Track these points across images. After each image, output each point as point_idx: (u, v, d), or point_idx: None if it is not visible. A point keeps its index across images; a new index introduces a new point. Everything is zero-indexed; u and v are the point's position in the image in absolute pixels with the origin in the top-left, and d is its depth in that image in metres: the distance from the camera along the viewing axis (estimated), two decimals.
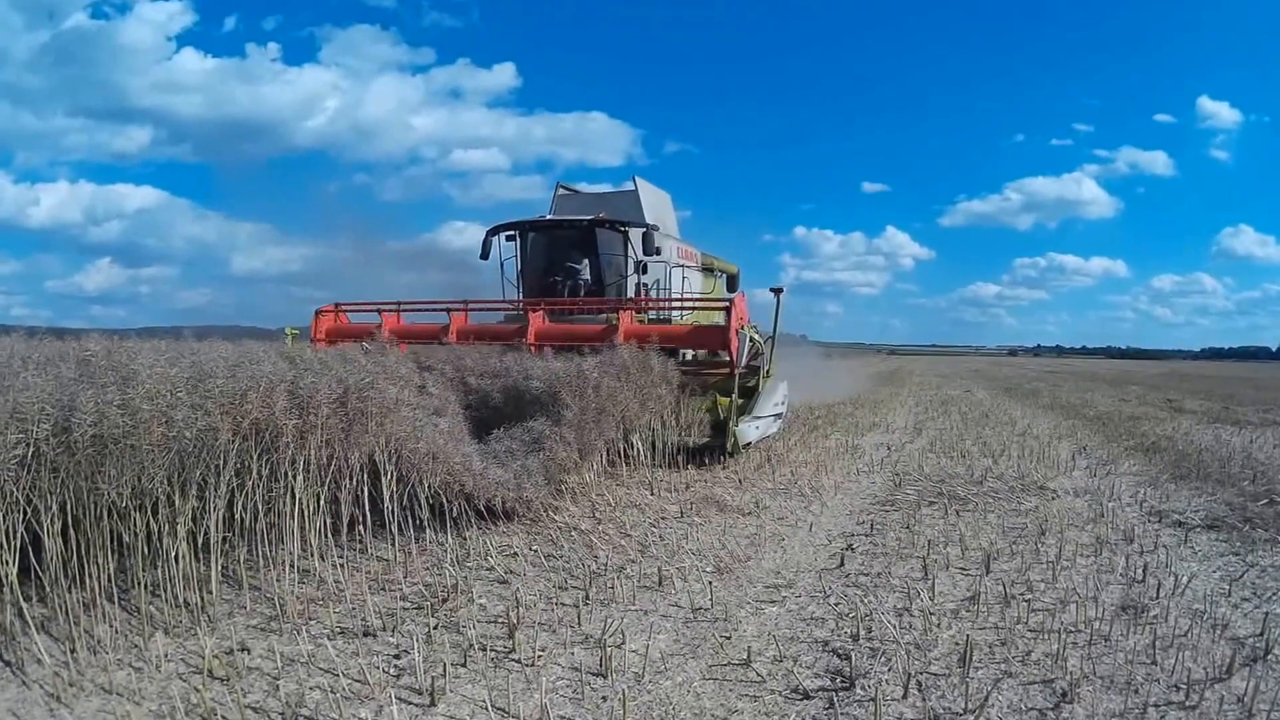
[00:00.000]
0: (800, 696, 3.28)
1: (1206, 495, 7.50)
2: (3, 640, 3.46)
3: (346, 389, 5.02)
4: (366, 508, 5.03)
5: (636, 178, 12.34)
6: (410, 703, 3.16)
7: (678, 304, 11.26)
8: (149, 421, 3.91)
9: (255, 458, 4.44)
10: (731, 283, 15.76)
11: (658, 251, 10.80)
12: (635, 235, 10.81)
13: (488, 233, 11.52)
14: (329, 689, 3.21)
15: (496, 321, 10.99)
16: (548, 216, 12.07)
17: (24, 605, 3.45)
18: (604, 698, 3.24)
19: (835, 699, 3.24)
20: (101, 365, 4.19)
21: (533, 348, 8.67)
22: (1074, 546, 5.52)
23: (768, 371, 9.33)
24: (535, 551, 5.17)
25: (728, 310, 8.55)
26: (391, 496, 5.10)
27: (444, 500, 5.32)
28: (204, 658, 3.40)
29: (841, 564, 5.13)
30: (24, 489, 3.46)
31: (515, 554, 5.09)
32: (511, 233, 11.60)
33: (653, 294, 11.40)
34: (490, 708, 3.12)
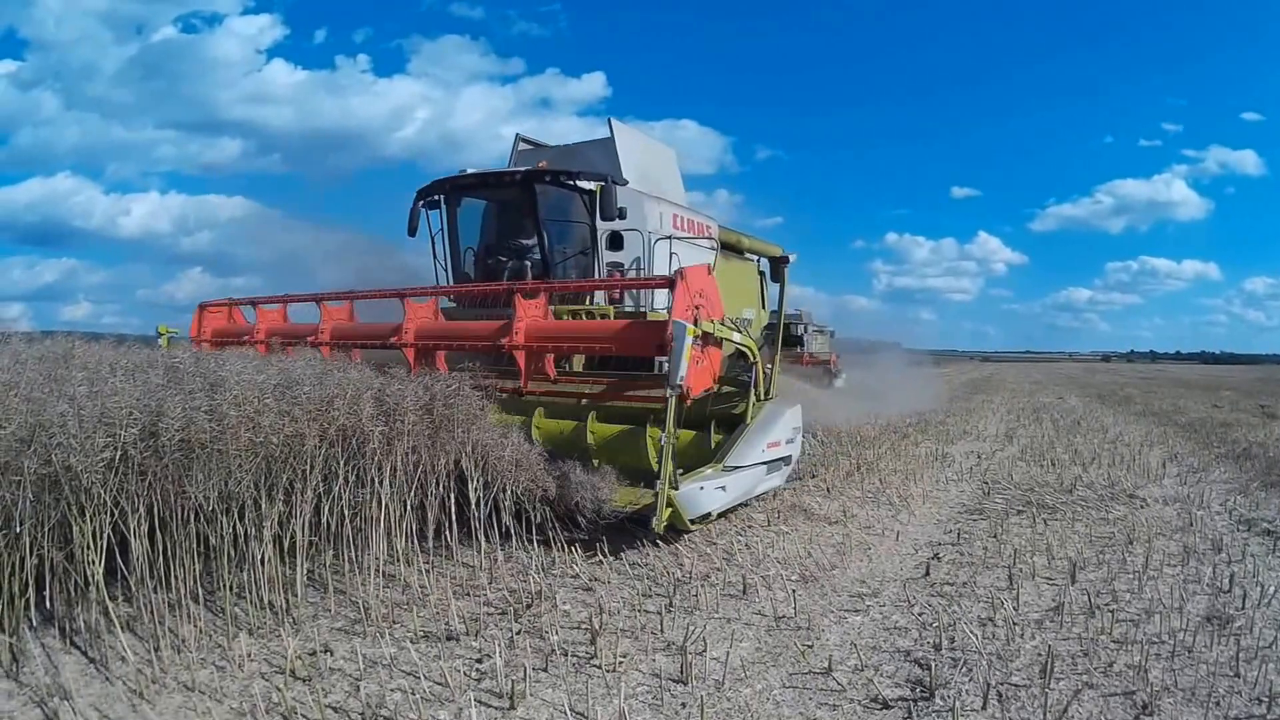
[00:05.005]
0: (879, 706, 3.25)
1: None
2: (88, 638, 3.52)
3: (432, 395, 5.02)
4: (453, 514, 5.00)
5: (614, 121, 9.33)
6: (490, 706, 3.14)
7: (580, 286, 7.67)
8: (236, 427, 3.95)
9: (342, 463, 4.44)
10: (775, 270, 11.20)
11: (621, 215, 7.82)
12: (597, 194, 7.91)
13: (416, 199, 8.80)
14: (409, 691, 3.21)
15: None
16: (469, 171, 9.00)
17: (110, 605, 3.49)
18: (683, 704, 3.21)
19: (913, 709, 3.21)
20: (189, 372, 4.25)
21: (409, 354, 6.50)
22: (1161, 556, 5.42)
23: (766, 392, 6.45)
24: (620, 559, 5.08)
25: (671, 290, 5.35)
26: (478, 502, 5.07)
27: (528, 507, 5.26)
28: (287, 658, 3.42)
29: (927, 573, 5.04)
30: (112, 491, 3.51)
31: (600, 561, 5.02)
32: (436, 197, 8.76)
33: (630, 277, 8.40)
34: (569, 712, 3.09)
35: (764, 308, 11.82)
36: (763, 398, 6.37)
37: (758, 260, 11.97)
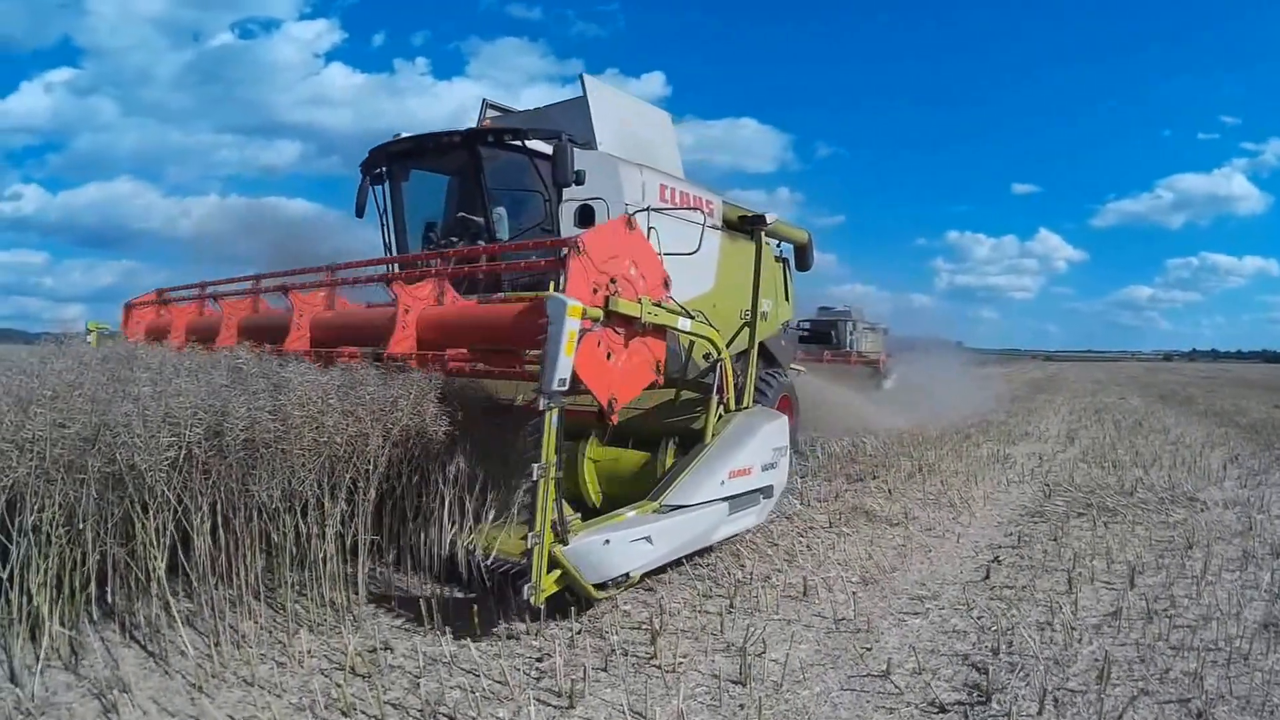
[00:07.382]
0: (936, 710, 3.21)
1: None
2: (148, 633, 3.56)
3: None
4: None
5: (587, 78, 7.77)
6: (549, 705, 3.12)
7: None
8: (300, 427, 3.97)
9: (405, 463, 4.46)
10: (800, 257, 10.21)
11: (579, 179, 6.53)
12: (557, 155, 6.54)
13: (361, 174, 7.61)
14: (469, 689, 3.20)
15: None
16: (404, 135, 7.57)
17: (171, 600, 3.54)
18: (741, 705, 3.18)
19: (970, 713, 3.17)
20: (253, 373, 4.29)
21: (302, 347, 5.37)
22: (1220, 561, 5.26)
23: (737, 400, 5.36)
24: (681, 560, 5.03)
25: (562, 257, 3.88)
26: None
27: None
28: (347, 655, 3.42)
29: (987, 576, 4.97)
30: (175, 489, 3.56)
31: None
32: (379, 169, 7.54)
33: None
34: (628, 711, 3.07)
35: (787, 299, 10.07)
36: (734, 407, 5.26)
37: (779, 245, 9.83)
